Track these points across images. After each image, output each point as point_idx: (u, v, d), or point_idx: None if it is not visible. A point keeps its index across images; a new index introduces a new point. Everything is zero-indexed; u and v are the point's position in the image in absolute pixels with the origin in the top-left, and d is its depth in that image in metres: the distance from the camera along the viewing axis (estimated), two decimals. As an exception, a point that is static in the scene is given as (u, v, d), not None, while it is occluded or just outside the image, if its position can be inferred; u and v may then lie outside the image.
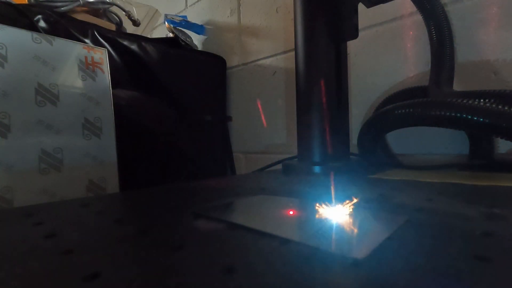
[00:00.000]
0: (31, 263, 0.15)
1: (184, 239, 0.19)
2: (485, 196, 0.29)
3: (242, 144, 0.94)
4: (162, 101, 0.77)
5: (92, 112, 0.52)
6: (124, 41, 0.71)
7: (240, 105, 0.94)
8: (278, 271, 0.14)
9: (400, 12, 0.60)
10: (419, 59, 0.58)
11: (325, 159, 0.46)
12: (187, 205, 0.29)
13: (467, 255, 0.15)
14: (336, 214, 0.22)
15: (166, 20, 0.92)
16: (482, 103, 0.36)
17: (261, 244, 0.17)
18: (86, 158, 0.51)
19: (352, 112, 0.66)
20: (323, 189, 0.34)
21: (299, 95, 0.49)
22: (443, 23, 0.48)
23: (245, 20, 0.91)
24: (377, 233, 0.18)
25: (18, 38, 0.45)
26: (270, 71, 0.85)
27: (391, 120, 0.45)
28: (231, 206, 0.27)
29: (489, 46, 0.51)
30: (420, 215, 0.22)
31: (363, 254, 0.15)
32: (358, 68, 0.67)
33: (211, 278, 0.13)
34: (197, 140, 0.84)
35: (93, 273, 0.14)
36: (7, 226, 0.23)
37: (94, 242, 0.19)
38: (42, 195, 0.46)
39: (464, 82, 0.53)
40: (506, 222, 0.20)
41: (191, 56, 0.87)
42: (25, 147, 0.45)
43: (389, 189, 0.32)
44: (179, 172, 0.78)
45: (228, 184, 0.42)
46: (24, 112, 0.45)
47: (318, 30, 0.46)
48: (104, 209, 0.28)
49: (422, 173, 0.44)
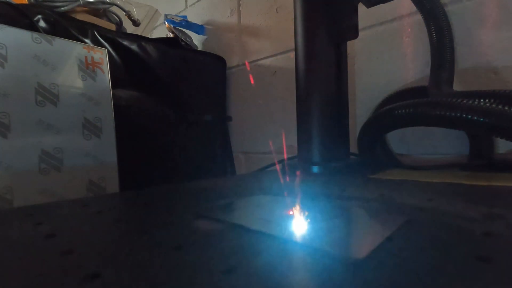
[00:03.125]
0: (31, 263, 0.15)
1: (184, 239, 0.19)
2: (485, 196, 0.29)
3: (242, 144, 0.94)
4: (162, 101, 0.77)
5: (92, 112, 0.52)
6: (124, 41, 0.71)
7: (240, 105, 0.94)
8: (278, 271, 0.14)
9: (400, 12, 0.60)
10: (419, 59, 0.58)
11: (325, 159, 0.46)
12: (187, 205, 0.29)
13: (467, 255, 0.15)
14: (332, 214, 0.22)
15: (166, 20, 0.92)
16: (482, 103, 0.36)
17: (261, 244, 0.17)
18: (86, 158, 0.51)
19: (352, 112, 0.66)
20: (322, 190, 0.34)
21: (299, 95, 0.49)
22: (443, 23, 0.48)
23: (245, 20, 0.91)
24: (377, 233, 0.18)
25: (18, 38, 0.45)
26: (270, 71, 0.85)
27: (391, 120, 0.45)
28: (231, 206, 0.27)
29: (489, 46, 0.51)
30: (420, 215, 0.22)
31: (363, 255, 0.15)
32: (358, 68, 0.67)
33: (211, 278, 0.13)
34: (197, 140, 0.84)
35: (93, 273, 0.14)
36: (7, 226, 0.23)
37: (94, 242, 0.19)
38: (42, 195, 0.46)
39: (464, 82, 0.53)
40: (506, 222, 0.20)
41: (191, 56, 0.87)
42: (25, 147, 0.45)
43: (389, 189, 0.32)
44: (179, 172, 0.78)
45: (228, 184, 0.42)
46: (24, 112, 0.45)
47: (318, 30, 0.46)
48: (104, 209, 0.28)
49: (422, 173, 0.43)
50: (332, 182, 0.39)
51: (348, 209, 0.25)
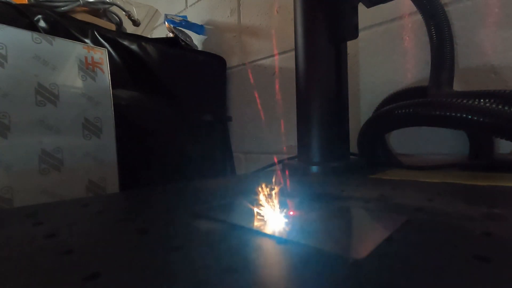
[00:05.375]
0: (31, 263, 0.15)
1: (184, 239, 0.19)
2: (485, 196, 0.29)
3: (242, 144, 0.94)
4: (162, 101, 0.77)
5: (92, 112, 0.52)
6: (124, 41, 0.71)
7: (240, 105, 0.94)
8: (278, 271, 0.14)
9: (400, 12, 0.60)
10: (419, 59, 0.58)
11: (325, 159, 0.46)
12: (187, 205, 0.29)
13: (467, 255, 0.15)
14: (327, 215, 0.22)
15: (166, 20, 0.92)
16: (482, 103, 0.36)
17: (261, 244, 0.17)
18: (86, 158, 0.51)
19: (352, 112, 0.66)
20: (322, 190, 0.34)
21: (299, 95, 0.49)
22: (443, 23, 0.48)
23: (245, 20, 0.91)
24: (377, 233, 0.18)
25: (18, 38, 0.45)
26: (270, 71, 0.85)
27: (391, 120, 0.45)
28: (231, 206, 0.27)
29: (489, 46, 0.51)
30: (420, 215, 0.22)
31: (363, 254, 0.15)
32: (358, 68, 0.67)
33: (212, 278, 0.13)
34: (197, 140, 0.84)
35: (93, 273, 0.14)
36: (7, 226, 0.23)
37: (94, 242, 0.19)
38: (42, 195, 0.46)
39: (464, 82, 0.53)
40: (506, 222, 0.20)
41: (191, 56, 0.87)
42: (25, 147, 0.45)
43: (389, 189, 0.32)
44: (179, 172, 0.78)
45: (227, 184, 0.42)
46: (24, 112, 0.45)
47: (318, 30, 0.46)
48: (104, 209, 0.28)
49: (422, 173, 0.43)
50: (332, 182, 0.39)
51: (348, 209, 0.25)
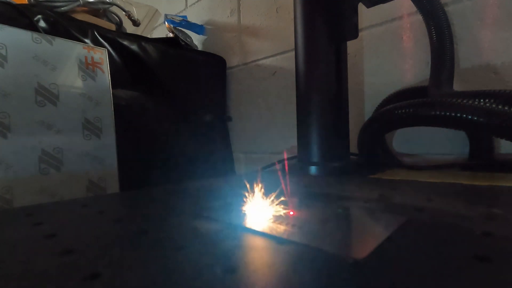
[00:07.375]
0: (31, 263, 0.15)
1: (184, 239, 0.19)
2: (485, 196, 0.29)
3: (242, 144, 0.94)
4: (162, 101, 0.77)
5: (92, 112, 0.52)
6: (124, 41, 0.71)
7: (240, 105, 0.94)
8: (278, 271, 0.14)
9: (400, 12, 0.60)
10: (419, 59, 0.58)
11: (325, 159, 0.46)
12: (187, 205, 0.29)
13: (467, 255, 0.15)
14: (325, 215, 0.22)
15: (166, 20, 0.92)
16: (482, 103, 0.36)
17: (261, 244, 0.17)
18: (86, 158, 0.51)
19: (352, 112, 0.66)
20: (322, 190, 0.34)
21: (299, 95, 0.49)
22: (443, 23, 0.48)
23: (245, 20, 0.91)
24: (377, 233, 0.18)
25: (18, 38, 0.45)
26: (270, 71, 0.85)
27: (391, 120, 0.45)
28: (231, 206, 0.27)
29: (489, 46, 0.51)
30: (420, 215, 0.22)
31: (363, 255, 0.15)
32: (358, 68, 0.67)
33: (212, 278, 0.13)
34: (197, 140, 0.84)
35: (93, 273, 0.14)
36: (7, 226, 0.23)
37: (94, 242, 0.19)
38: (42, 195, 0.46)
39: (464, 82, 0.53)
40: (506, 222, 0.20)
41: (191, 56, 0.87)
42: (25, 147, 0.45)
43: (389, 189, 0.32)
44: (179, 172, 0.78)
45: (227, 184, 0.42)
46: (24, 112, 0.45)
47: (318, 30, 0.46)
48: (104, 209, 0.28)
49: (422, 173, 0.43)
50: (332, 182, 0.39)
51: (348, 209, 0.25)
